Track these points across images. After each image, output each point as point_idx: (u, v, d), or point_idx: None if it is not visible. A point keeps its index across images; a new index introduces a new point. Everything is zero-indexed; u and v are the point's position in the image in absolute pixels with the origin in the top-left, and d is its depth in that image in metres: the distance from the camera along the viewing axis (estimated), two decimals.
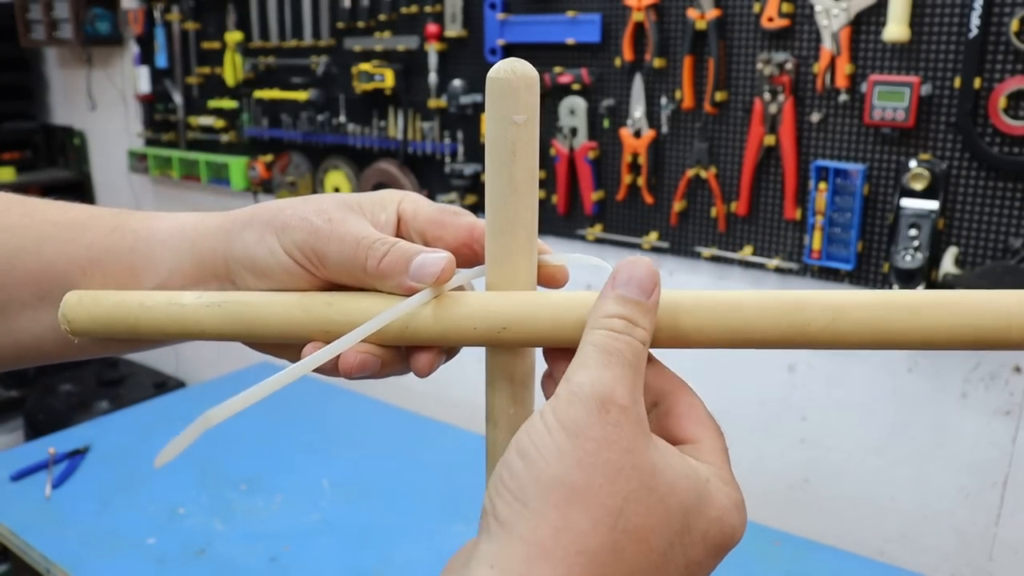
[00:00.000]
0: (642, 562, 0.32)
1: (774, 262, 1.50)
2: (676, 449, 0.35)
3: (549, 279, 0.44)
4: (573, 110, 1.67)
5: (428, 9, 1.84)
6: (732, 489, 0.36)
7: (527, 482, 0.31)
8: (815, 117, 1.42)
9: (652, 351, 0.39)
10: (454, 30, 1.80)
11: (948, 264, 1.32)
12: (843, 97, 1.37)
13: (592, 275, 1.76)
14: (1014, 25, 1.21)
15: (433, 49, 1.84)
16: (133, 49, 2.58)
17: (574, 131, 1.68)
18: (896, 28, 1.28)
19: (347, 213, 0.42)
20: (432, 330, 0.40)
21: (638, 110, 1.59)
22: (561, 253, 0.43)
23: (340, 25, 2.02)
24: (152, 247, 0.45)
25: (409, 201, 0.46)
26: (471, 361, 0.58)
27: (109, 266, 0.45)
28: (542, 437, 0.32)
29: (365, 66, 1.95)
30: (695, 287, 1.62)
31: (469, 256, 0.44)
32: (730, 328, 0.37)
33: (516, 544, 0.31)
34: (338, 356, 0.40)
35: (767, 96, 1.43)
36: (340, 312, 0.41)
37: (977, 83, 1.26)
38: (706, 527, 0.34)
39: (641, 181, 1.62)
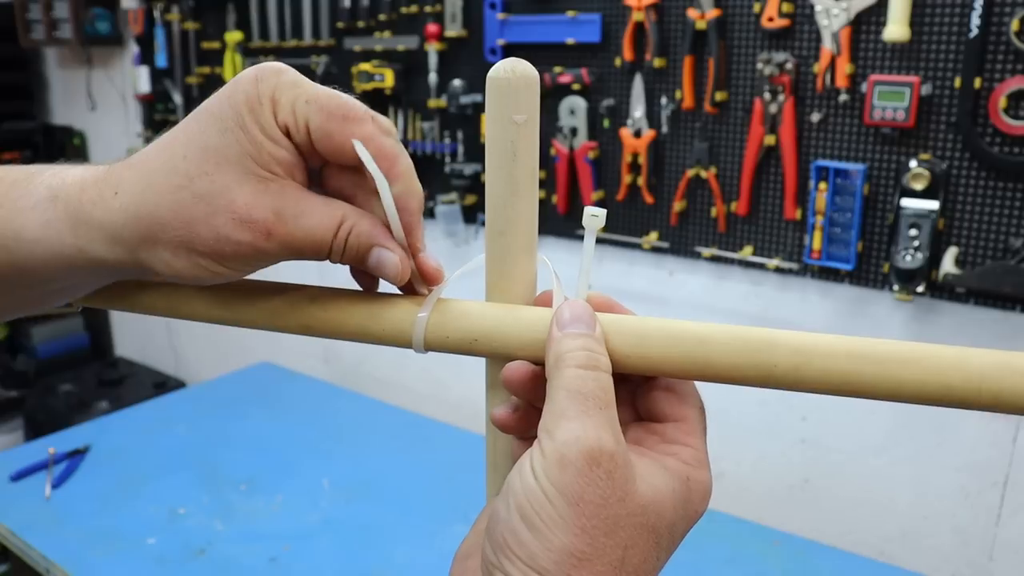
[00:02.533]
0: None
1: (774, 262, 1.50)
2: (657, 462, 0.37)
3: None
4: (573, 110, 1.67)
5: (428, 9, 1.84)
6: (704, 472, 0.39)
7: (536, 551, 0.33)
8: (815, 117, 1.42)
9: None
10: (454, 30, 1.80)
11: (948, 264, 1.32)
12: (843, 97, 1.37)
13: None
14: (1014, 25, 1.21)
15: (433, 49, 1.84)
16: (133, 49, 2.58)
17: (574, 131, 1.68)
18: (896, 28, 1.28)
19: (284, 199, 0.38)
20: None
21: (638, 110, 1.59)
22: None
23: (340, 25, 2.02)
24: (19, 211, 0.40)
25: (286, 99, 0.38)
26: (471, 361, 0.58)
27: None
28: (544, 506, 0.33)
29: (365, 66, 1.95)
30: (695, 287, 1.62)
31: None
32: (694, 361, 0.38)
33: None
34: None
35: (767, 96, 1.43)
36: (323, 308, 0.42)
37: (977, 83, 1.25)
38: (685, 527, 0.38)
39: (641, 181, 1.62)
